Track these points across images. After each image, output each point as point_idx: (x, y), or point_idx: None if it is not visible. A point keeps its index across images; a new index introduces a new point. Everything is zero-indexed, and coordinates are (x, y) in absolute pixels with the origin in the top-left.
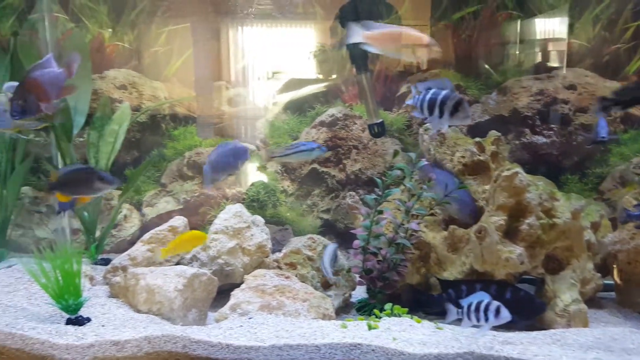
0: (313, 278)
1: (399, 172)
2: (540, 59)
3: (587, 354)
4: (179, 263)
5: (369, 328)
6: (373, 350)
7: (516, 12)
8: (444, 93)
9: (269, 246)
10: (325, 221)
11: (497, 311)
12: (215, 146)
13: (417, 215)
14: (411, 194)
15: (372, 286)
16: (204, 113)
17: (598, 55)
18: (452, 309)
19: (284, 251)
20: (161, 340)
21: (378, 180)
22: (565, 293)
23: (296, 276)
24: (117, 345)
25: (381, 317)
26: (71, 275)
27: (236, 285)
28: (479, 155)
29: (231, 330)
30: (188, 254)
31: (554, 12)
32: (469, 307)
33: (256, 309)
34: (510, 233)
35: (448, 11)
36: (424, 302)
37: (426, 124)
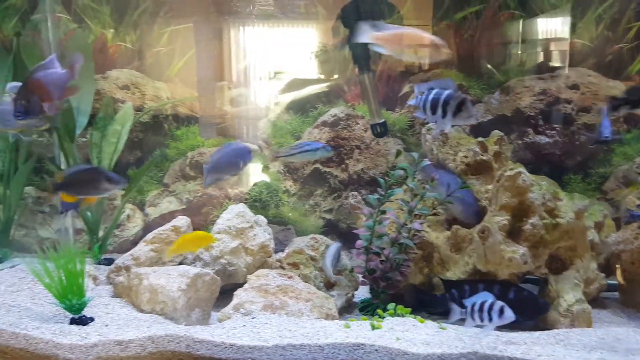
0: (316, 278)
1: (402, 172)
2: (542, 59)
3: (590, 354)
4: (181, 263)
5: (372, 328)
6: (376, 350)
7: (518, 11)
8: (447, 93)
9: (271, 246)
10: (328, 221)
11: (501, 311)
12: (218, 146)
13: (420, 215)
14: (414, 194)
15: (375, 286)
16: (206, 113)
17: (601, 55)
18: (456, 308)
19: (286, 251)
20: (165, 340)
21: (381, 180)
22: (568, 293)
23: (299, 276)
24: (121, 345)
25: (384, 317)
26: (75, 275)
27: (239, 285)
28: (482, 155)
29: (234, 330)
30: (191, 254)
31: (556, 12)
32: (473, 307)
33: (259, 308)
34: (514, 233)
35: (450, 11)
36: (427, 302)
37: (429, 123)
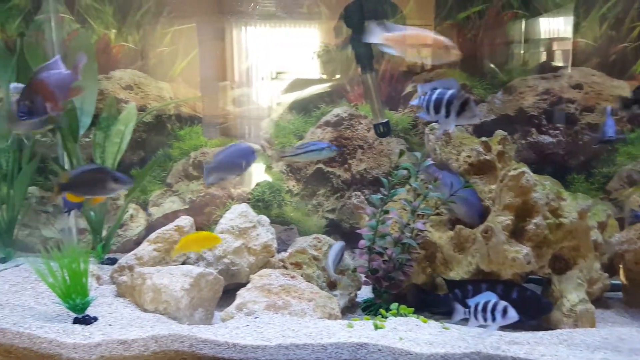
0: (319, 278)
1: (405, 172)
2: (546, 58)
3: (594, 354)
4: (184, 262)
5: (376, 328)
6: (379, 349)
7: (522, 11)
8: (451, 92)
9: (274, 246)
10: (331, 221)
11: (505, 311)
12: (221, 146)
13: (423, 215)
14: (417, 194)
15: (377, 286)
16: (209, 113)
17: (605, 55)
18: (459, 308)
19: (289, 251)
20: (168, 340)
21: (384, 179)
22: (572, 293)
23: (302, 276)
24: (124, 344)
25: (387, 317)
26: (78, 275)
27: (242, 285)
28: (485, 155)
29: (237, 330)
30: (194, 254)
31: (560, 11)
32: (476, 307)
33: (262, 308)
34: (517, 233)
35: (453, 10)
36: (430, 302)
37: (432, 123)
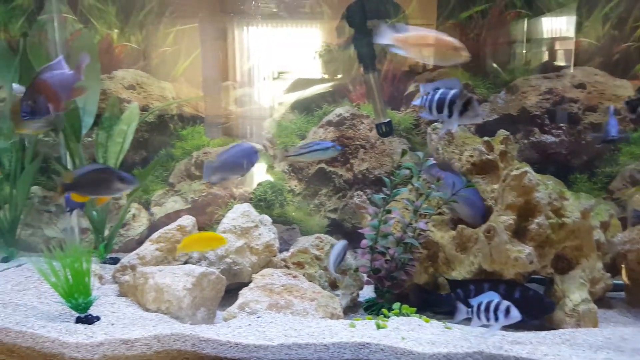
0: (321, 277)
1: (407, 172)
2: (548, 58)
3: (597, 354)
4: (187, 262)
5: (378, 327)
6: (382, 349)
7: (524, 10)
8: (453, 92)
9: (276, 245)
10: (333, 221)
11: (507, 311)
12: (223, 146)
13: (425, 215)
14: (419, 194)
15: (380, 286)
16: (211, 113)
17: (608, 54)
18: (461, 308)
19: (291, 250)
20: (170, 339)
21: (386, 179)
22: (574, 293)
23: (304, 275)
24: (127, 344)
25: (389, 317)
26: (81, 274)
27: (244, 285)
28: (488, 155)
29: (240, 329)
30: (197, 253)
31: (563, 11)
32: (479, 306)
33: (264, 308)
34: (519, 232)
35: (456, 10)
36: (432, 301)
37: (434, 122)
